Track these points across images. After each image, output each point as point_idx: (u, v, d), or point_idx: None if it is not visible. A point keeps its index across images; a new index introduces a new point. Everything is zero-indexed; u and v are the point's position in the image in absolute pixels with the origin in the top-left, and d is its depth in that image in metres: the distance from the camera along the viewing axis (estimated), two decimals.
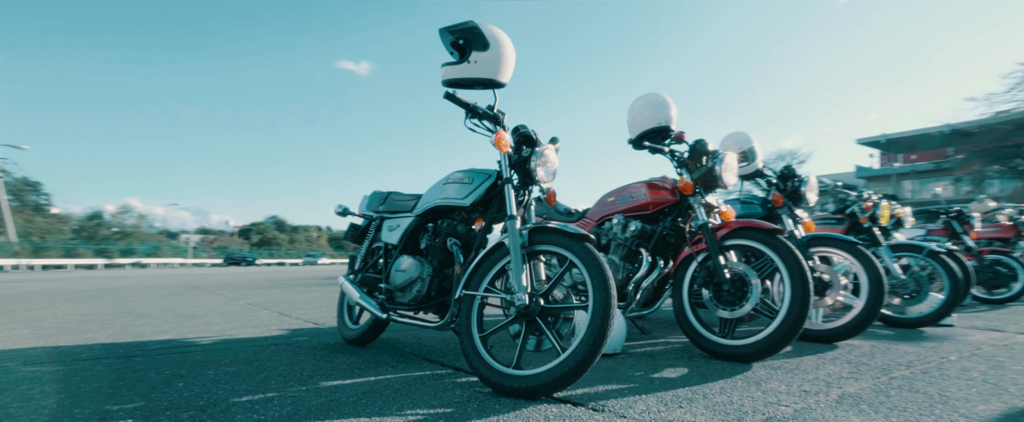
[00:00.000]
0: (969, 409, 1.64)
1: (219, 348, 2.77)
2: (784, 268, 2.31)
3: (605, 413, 1.59)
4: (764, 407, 1.65)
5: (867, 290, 2.76)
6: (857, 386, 1.92)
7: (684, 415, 1.57)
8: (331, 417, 1.55)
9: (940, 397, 1.78)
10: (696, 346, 2.51)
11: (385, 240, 2.71)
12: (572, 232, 1.89)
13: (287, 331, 3.43)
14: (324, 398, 1.75)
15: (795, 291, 2.24)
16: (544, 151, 2.14)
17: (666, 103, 2.80)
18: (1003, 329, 3.50)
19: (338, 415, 1.57)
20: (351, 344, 2.82)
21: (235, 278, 12.60)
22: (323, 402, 1.70)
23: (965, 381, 2.01)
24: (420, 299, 2.33)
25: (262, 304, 5.41)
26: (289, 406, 1.66)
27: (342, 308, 3.05)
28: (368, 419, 1.54)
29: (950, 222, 5.60)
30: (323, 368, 2.25)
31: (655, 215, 2.87)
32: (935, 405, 1.68)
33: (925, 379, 2.03)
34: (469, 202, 2.25)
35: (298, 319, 4.08)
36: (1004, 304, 5.13)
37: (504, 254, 2.01)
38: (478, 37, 2.10)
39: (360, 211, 3.15)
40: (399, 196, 2.83)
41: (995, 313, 4.46)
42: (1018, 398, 1.77)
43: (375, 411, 1.62)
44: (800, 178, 3.33)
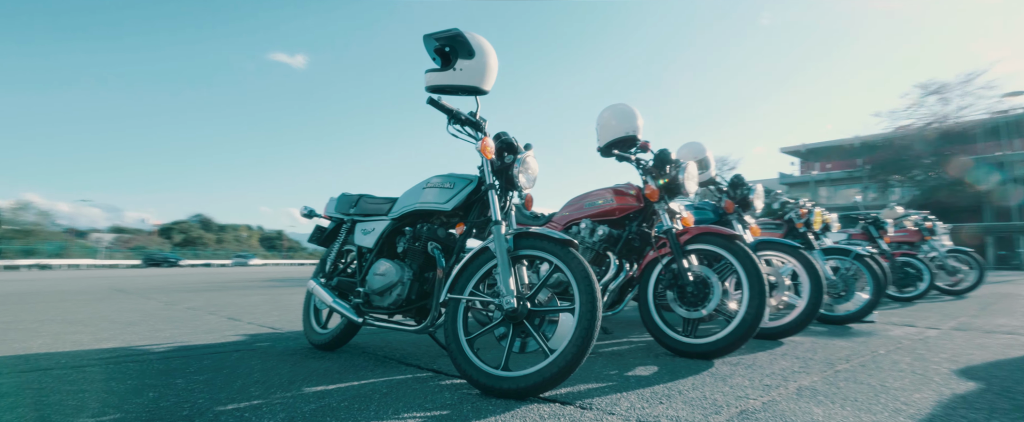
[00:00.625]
0: (907, 397, 1.86)
1: (177, 356, 2.64)
2: (743, 271, 2.50)
3: (594, 411, 1.68)
4: (735, 401, 1.80)
5: (809, 291, 3.02)
6: (810, 379, 2.11)
7: (666, 410, 1.69)
8: None
9: (881, 387, 1.99)
10: (661, 345, 2.66)
11: (359, 243, 2.68)
12: (557, 237, 1.97)
13: (245, 336, 3.30)
14: (314, 404, 1.74)
15: (753, 293, 2.43)
16: (526, 158, 2.20)
17: (633, 113, 2.95)
18: (916, 324, 3.91)
19: (335, 420, 1.57)
20: (320, 348, 2.77)
21: (162, 281, 11.84)
22: (315, 408, 1.69)
23: (897, 372, 2.26)
24: (400, 303, 2.34)
25: (205, 308, 5.14)
26: (281, 413, 1.63)
27: (309, 312, 2.98)
28: None
29: (868, 227, 6.16)
30: (301, 373, 2.21)
31: (621, 220, 3.01)
32: (879, 394, 1.89)
33: (865, 372, 2.27)
34: (450, 207, 2.28)
35: (253, 324, 3.93)
36: (912, 302, 5.72)
37: (489, 258, 2.06)
38: (464, 45, 2.14)
39: (327, 213, 3.10)
40: (371, 199, 2.81)
41: (906, 310, 4.97)
42: (944, 386, 2.02)
43: (371, 415, 1.62)
44: (748, 186, 3.59)
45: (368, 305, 2.48)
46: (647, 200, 2.91)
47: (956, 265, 6.87)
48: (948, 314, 4.60)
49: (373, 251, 2.59)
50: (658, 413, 1.65)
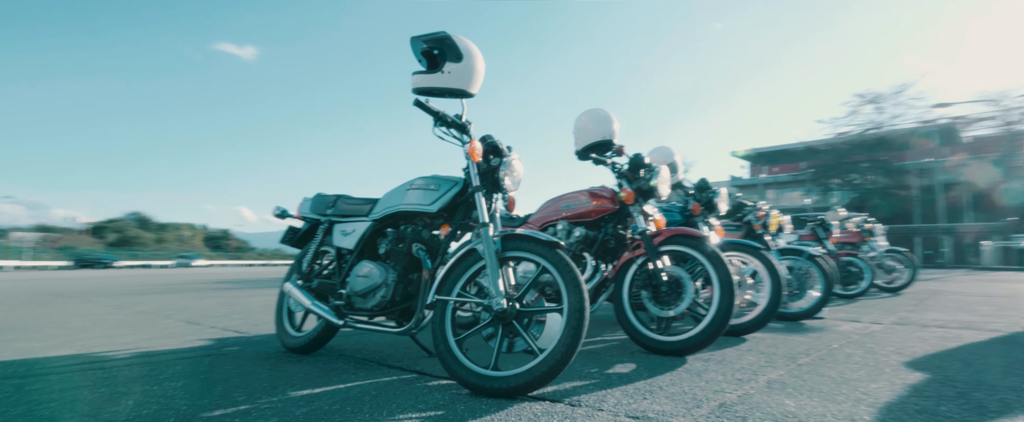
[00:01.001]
0: (865, 388, 2.01)
1: (143, 362, 2.53)
2: (713, 271, 2.62)
3: (583, 407, 1.74)
4: (713, 395, 1.90)
5: (770, 290, 3.20)
6: (777, 373, 2.25)
7: (652, 405, 1.77)
8: None
9: (841, 379, 2.15)
10: (635, 342, 2.76)
11: (338, 244, 2.65)
12: (544, 239, 2.02)
13: (211, 341, 3.20)
14: (305, 407, 1.72)
15: (723, 292, 2.56)
16: (511, 161, 2.24)
17: (610, 118, 3.04)
18: (861, 320, 4.18)
19: None
20: (295, 352, 2.72)
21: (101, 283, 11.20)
22: (307, 412, 1.67)
23: (853, 365, 2.43)
24: (384, 304, 2.33)
25: (158, 312, 4.93)
26: (273, 417, 1.61)
27: (281, 314, 2.92)
28: None
29: (815, 229, 6.52)
30: (282, 377, 2.17)
31: (597, 222, 3.09)
32: (840, 386, 2.04)
33: (824, 365, 2.43)
34: (436, 208, 2.29)
35: (216, 328, 3.80)
36: (855, 299, 6.10)
37: (476, 260, 2.09)
38: (452, 48, 2.16)
39: (301, 214, 3.04)
40: (350, 200, 2.78)
41: (850, 306, 5.30)
42: (895, 377, 2.19)
43: (366, 417, 1.63)
44: (714, 190, 3.75)
45: (349, 307, 2.45)
46: (622, 203, 3.00)
47: (892, 264, 7.38)
48: (888, 310, 4.94)
49: (354, 252, 2.56)
50: (644, 408, 1.73)
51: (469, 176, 2.23)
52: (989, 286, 8.70)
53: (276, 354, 2.73)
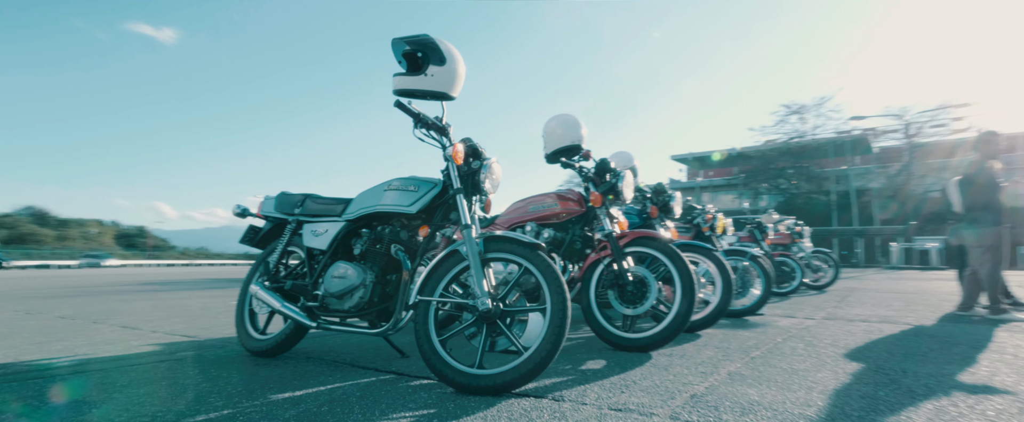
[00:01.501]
0: (813, 377, 2.21)
1: (89, 370, 2.39)
2: (675, 272, 2.78)
3: (568, 402, 1.82)
4: (683, 387, 2.03)
5: (721, 289, 3.41)
6: (735, 366, 2.42)
7: (630, 398, 1.87)
8: None
9: (791, 370, 2.34)
10: (601, 339, 2.88)
11: (309, 245, 2.60)
12: (526, 241, 2.08)
13: (160, 346, 3.04)
14: (292, 409, 1.70)
15: (685, 291, 2.72)
16: (492, 164, 2.29)
17: (578, 123, 3.14)
18: (795, 316, 4.53)
19: None
20: (259, 355, 2.65)
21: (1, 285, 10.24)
22: (297, 413, 1.65)
23: (798, 357, 2.65)
24: (362, 306, 2.31)
25: (84, 317, 4.60)
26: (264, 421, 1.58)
27: (243, 316, 2.82)
28: None
29: (753, 230, 6.96)
30: (256, 381, 2.11)
31: (564, 224, 3.19)
32: (792, 376, 2.23)
33: (774, 357, 2.63)
34: (415, 209, 2.30)
35: (159, 332, 3.60)
36: (788, 296, 6.56)
37: (458, 261, 2.13)
38: (436, 52, 2.18)
39: (263, 212, 2.95)
40: (319, 199, 2.73)
41: (784, 303, 5.71)
42: (836, 367, 2.41)
43: (358, 417, 1.63)
44: (669, 194, 3.95)
45: (323, 309, 2.42)
46: (589, 205, 3.12)
47: (819, 264, 7.99)
48: (817, 306, 5.36)
49: (326, 253, 2.52)
50: (624, 401, 1.83)
51: (449, 178, 2.26)
52: (897, 284, 9.57)
53: (240, 357, 2.64)
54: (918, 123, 28.97)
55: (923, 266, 16.78)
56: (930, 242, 19.77)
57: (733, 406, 1.77)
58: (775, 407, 1.75)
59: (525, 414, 1.67)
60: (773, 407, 1.75)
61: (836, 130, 31.74)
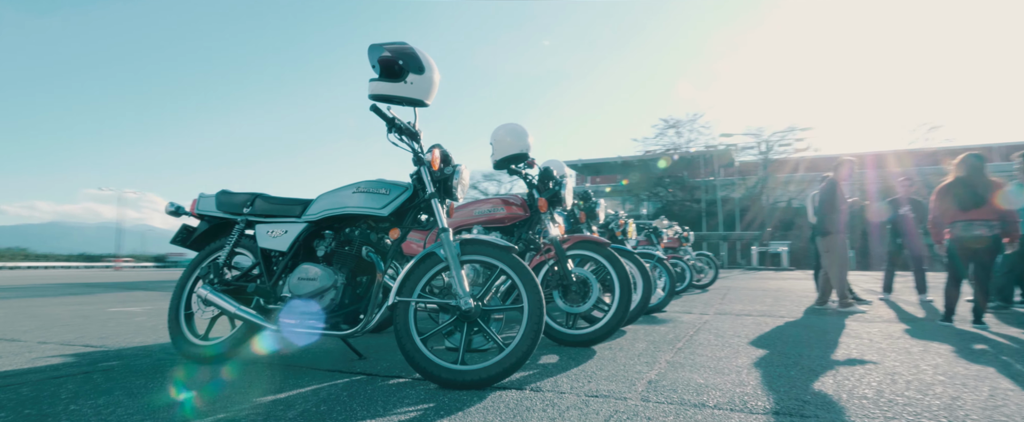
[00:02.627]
0: (737, 362, 2.60)
1: (18, 380, 2.12)
2: (614, 272, 3.08)
3: (548, 392, 1.99)
4: (637, 375, 2.30)
5: (642, 288, 3.80)
6: (670, 356, 2.76)
7: (599, 386, 2.09)
8: None
9: (716, 357, 2.73)
10: (547, 336, 3.09)
11: (266, 246, 2.51)
12: (500, 244, 2.22)
13: (66, 358, 2.74)
14: (291, 411, 1.68)
15: (624, 290, 3.02)
16: (462, 170, 2.40)
17: (525, 133, 3.33)
18: (692, 312, 5.11)
19: None
20: (204, 361, 2.50)
21: None
22: (296, 414, 1.65)
23: (715, 347, 3.07)
24: (333, 308, 2.29)
25: None
26: None
27: (178, 322, 2.63)
28: (376, 419, 1.60)
29: (650, 235, 7.64)
30: (230, 386, 2.03)
31: (510, 227, 3.36)
32: (719, 362, 2.60)
33: (697, 348, 3.02)
34: (387, 212, 2.33)
35: (50, 343, 3.21)
36: (680, 295, 7.31)
37: (434, 263, 2.21)
38: (415, 60, 2.25)
39: (199, 211, 2.78)
40: (271, 199, 2.64)
41: (677, 302, 6.36)
42: (749, 354, 2.84)
43: (365, 414, 1.67)
44: (595, 201, 4.28)
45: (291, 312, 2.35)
46: (533, 210, 3.32)
47: (701, 265, 8.95)
48: (706, 303, 6.06)
49: (287, 255, 2.46)
50: (595, 389, 2.05)
51: (421, 182, 2.34)
52: (761, 283, 11.00)
53: (184, 365, 2.48)
54: (770, 142, 33.32)
55: (776, 267, 19.43)
56: (781, 245, 22.86)
57: (686, 389, 2.06)
58: (720, 388, 2.07)
59: (518, 404, 1.82)
60: (718, 388, 2.07)
61: (705, 144, 35.42)
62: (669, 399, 1.90)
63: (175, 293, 2.71)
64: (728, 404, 1.83)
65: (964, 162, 4.45)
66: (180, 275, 2.76)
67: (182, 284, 2.72)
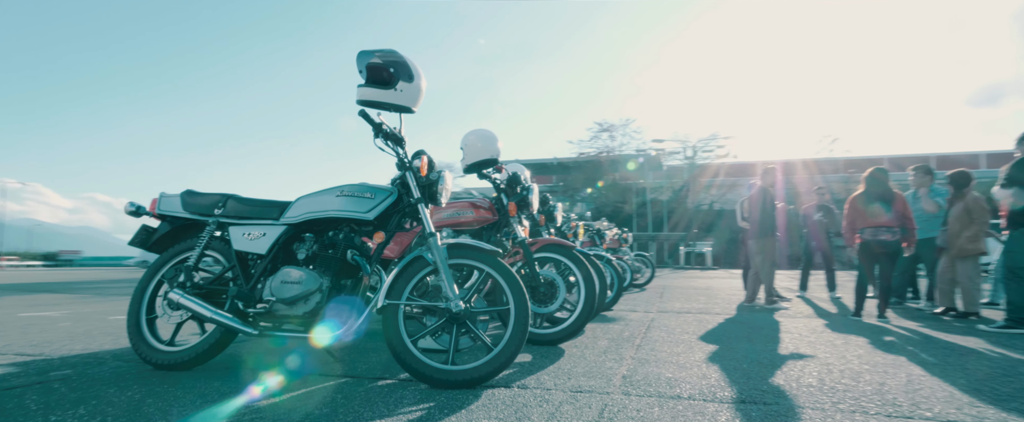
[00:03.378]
0: (693, 357, 2.83)
1: None
2: (579, 274, 3.25)
3: (535, 389, 2.12)
4: (610, 371, 2.47)
5: (598, 288, 4.00)
6: (634, 353, 2.96)
7: (580, 382, 2.24)
8: None
9: (674, 353, 2.96)
10: None
11: (242, 248, 2.45)
12: (486, 248, 2.32)
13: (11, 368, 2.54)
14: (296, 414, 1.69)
15: (588, 290, 3.20)
16: (446, 176, 2.47)
17: (495, 138, 3.43)
18: (637, 310, 5.41)
19: None
20: (171, 368, 2.41)
21: None
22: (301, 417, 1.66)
23: (670, 343, 3.31)
24: (317, 311, 2.29)
25: None
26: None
27: (140, 327, 2.52)
28: (385, 420, 1.65)
29: (594, 236, 7.96)
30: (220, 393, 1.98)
31: (478, 231, 3.45)
32: (680, 357, 2.82)
33: (656, 344, 3.25)
34: (373, 216, 2.36)
35: None
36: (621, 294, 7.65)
37: (422, 266, 2.28)
38: (405, 68, 2.30)
39: (162, 212, 2.67)
40: (246, 201, 2.58)
41: (621, 300, 6.69)
42: (703, 349, 3.10)
43: (373, 414, 1.71)
44: (553, 205, 4.45)
45: (269, 315, 2.32)
46: (502, 213, 3.43)
47: (639, 265, 9.41)
48: (647, 302, 6.42)
49: (266, 258, 2.42)
50: (577, 385, 2.19)
51: (406, 187, 2.39)
52: (691, 282, 11.70)
53: (147, 373, 2.38)
54: (696, 148, 35.33)
55: (701, 266, 20.68)
56: (705, 246, 24.31)
57: (659, 382, 2.24)
58: (688, 381, 2.28)
59: (512, 401, 1.93)
60: (687, 381, 2.27)
61: (636, 148, 36.97)
62: (647, 392, 2.07)
63: (135, 297, 2.58)
64: (700, 395, 2.03)
65: (871, 175, 5.02)
66: (140, 278, 2.63)
67: (143, 288, 2.60)
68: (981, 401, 1.98)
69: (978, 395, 2.06)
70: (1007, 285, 4.25)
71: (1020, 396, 2.06)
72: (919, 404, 1.93)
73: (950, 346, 3.26)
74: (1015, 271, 4.15)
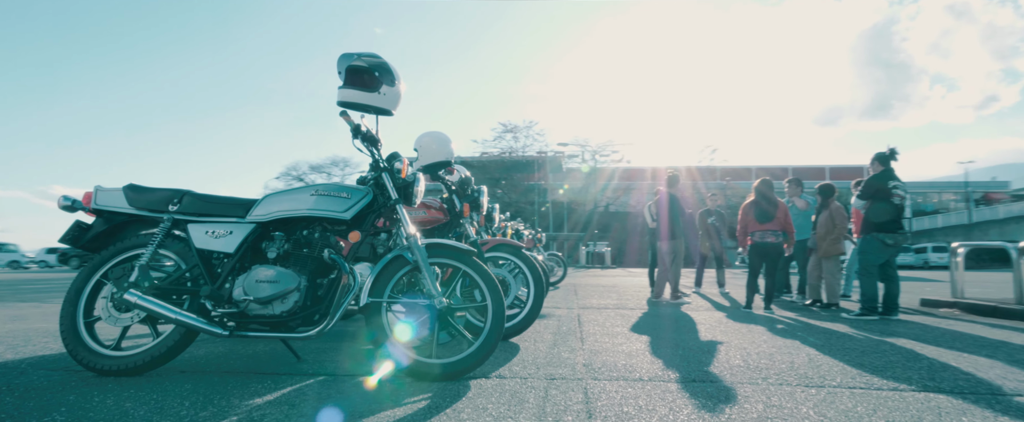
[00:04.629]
0: (632, 347, 3.16)
1: None
2: (528, 272, 3.46)
3: (514, 379, 2.29)
4: (569, 359, 2.71)
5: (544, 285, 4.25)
6: (579, 344, 3.23)
7: (551, 371, 2.45)
8: None
9: (616, 343, 3.27)
10: None
11: (206, 247, 2.35)
12: (462, 248, 2.45)
13: None
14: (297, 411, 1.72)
15: (537, 288, 3.43)
16: (420, 177, 2.57)
17: (449, 140, 3.54)
18: (560, 307, 5.76)
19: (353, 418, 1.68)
20: (119, 374, 2.25)
21: None
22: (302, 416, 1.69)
23: (608, 336, 3.63)
24: (295, 310, 2.27)
25: None
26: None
27: (77, 332, 2.32)
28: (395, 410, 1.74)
29: (514, 235, 8.24)
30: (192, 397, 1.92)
31: (430, 231, 3.54)
32: (620, 347, 3.13)
33: (596, 337, 3.55)
34: (350, 215, 2.39)
35: None
36: None
37: (402, 265, 2.36)
38: (388, 73, 2.38)
39: (101, 207, 2.49)
40: (205, 198, 2.48)
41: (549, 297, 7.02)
42: (638, 341, 3.45)
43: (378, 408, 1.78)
44: (490, 205, 4.63)
45: (242, 316, 2.26)
46: (452, 214, 3.55)
47: (552, 264, 9.87)
48: (566, 299, 6.81)
49: (233, 257, 2.34)
50: (550, 373, 2.40)
51: (380, 187, 2.45)
52: (597, 280, 12.44)
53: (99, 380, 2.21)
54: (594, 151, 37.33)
55: (601, 265, 21.94)
56: (604, 246, 25.81)
57: (616, 368, 2.52)
58: (642, 367, 2.58)
59: (502, 389, 2.09)
60: (641, 367, 2.57)
61: (538, 150, 38.22)
62: (612, 377, 2.33)
63: (70, 299, 2.37)
64: (657, 378, 2.33)
65: (759, 187, 5.78)
66: (75, 279, 2.41)
67: (78, 289, 2.39)
68: (865, 372, 2.48)
69: (862, 368, 2.58)
70: (861, 280, 5.14)
71: (890, 367, 2.61)
72: (824, 376, 2.38)
73: (828, 331, 3.93)
74: (867, 269, 5.03)
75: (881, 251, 4.95)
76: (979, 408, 1.91)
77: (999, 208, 37.97)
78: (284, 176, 45.07)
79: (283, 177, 45.05)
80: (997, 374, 2.46)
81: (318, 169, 44.85)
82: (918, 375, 2.42)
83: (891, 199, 4.95)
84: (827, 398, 2.01)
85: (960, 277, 6.04)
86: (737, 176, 39.61)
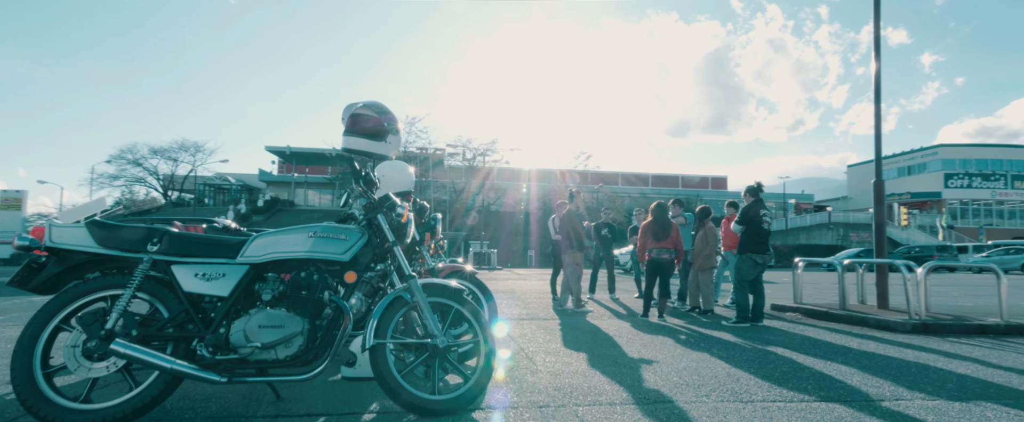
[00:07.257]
0: (577, 367, 3.54)
1: None
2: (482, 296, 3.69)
3: (510, 409, 2.53)
4: (536, 383, 3.00)
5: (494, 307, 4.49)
6: (532, 365, 3.54)
7: (534, 398, 2.72)
8: None
9: (562, 364, 3.63)
10: None
11: (195, 291, 2.24)
12: (453, 287, 2.62)
13: None
14: None
15: (490, 309, 3.67)
16: (412, 218, 2.69)
17: (407, 168, 3.63)
18: None
19: None
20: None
21: None
22: None
23: (548, 353, 3.98)
24: (298, 354, 2.26)
25: None
26: None
27: (34, 382, 2.10)
28: None
29: None
30: None
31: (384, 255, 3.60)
32: (568, 367, 3.50)
33: (539, 355, 3.88)
34: (348, 257, 2.44)
35: None
36: None
37: (401, 305, 2.48)
38: (393, 122, 2.49)
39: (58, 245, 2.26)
40: (189, 237, 2.36)
41: None
42: (574, 355, 3.84)
43: None
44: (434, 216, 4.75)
45: (242, 362, 2.20)
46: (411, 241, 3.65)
47: None
48: None
49: (228, 300, 2.26)
50: (537, 400, 2.67)
51: (376, 228, 2.55)
52: (492, 284, 12.71)
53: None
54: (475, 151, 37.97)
55: (489, 266, 22.42)
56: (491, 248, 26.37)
57: (584, 391, 2.86)
58: (603, 390, 2.95)
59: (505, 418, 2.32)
60: (602, 390, 2.95)
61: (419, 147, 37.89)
62: (588, 402, 2.68)
63: (23, 347, 2.12)
64: (625, 401, 2.72)
65: (655, 210, 6.56)
66: (27, 324, 2.15)
67: (34, 335, 2.15)
68: (774, 385, 3.10)
69: (769, 380, 3.20)
70: (736, 293, 6.13)
71: (788, 379, 3.26)
72: (749, 391, 2.95)
73: (722, 341, 4.67)
74: (741, 284, 6.01)
75: (753, 268, 5.95)
76: (866, 414, 2.55)
77: (807, 217, 45.84)
78: (117, 160, 39.28)
79: (116, 161, 39.25)
80: (860, 381, 3.23)
81: (163, 153, 39.74)
82: (811, 385, 3.10)
83: (761, 225, 5.97)
84: (764, 413, 2.55)
85: (801, 283, 7.42)
86: (608, 180, 42.89)
